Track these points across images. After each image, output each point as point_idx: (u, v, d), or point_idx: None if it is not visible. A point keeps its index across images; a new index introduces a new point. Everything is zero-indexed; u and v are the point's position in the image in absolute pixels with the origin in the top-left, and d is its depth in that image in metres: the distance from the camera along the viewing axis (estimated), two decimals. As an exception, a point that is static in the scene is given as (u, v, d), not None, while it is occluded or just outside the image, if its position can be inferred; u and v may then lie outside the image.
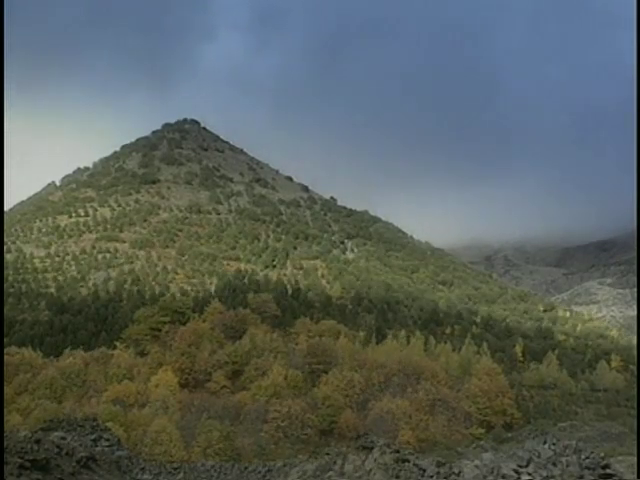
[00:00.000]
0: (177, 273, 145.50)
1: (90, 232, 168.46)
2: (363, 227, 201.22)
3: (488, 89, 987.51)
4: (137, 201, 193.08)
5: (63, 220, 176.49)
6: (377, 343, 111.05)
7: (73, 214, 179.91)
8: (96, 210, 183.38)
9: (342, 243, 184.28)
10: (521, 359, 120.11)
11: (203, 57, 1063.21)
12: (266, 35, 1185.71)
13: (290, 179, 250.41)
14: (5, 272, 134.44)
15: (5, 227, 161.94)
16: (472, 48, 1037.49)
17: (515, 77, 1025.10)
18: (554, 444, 30.38)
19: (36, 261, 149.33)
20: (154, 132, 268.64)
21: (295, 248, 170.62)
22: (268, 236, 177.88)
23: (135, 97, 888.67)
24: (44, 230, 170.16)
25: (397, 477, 29.19)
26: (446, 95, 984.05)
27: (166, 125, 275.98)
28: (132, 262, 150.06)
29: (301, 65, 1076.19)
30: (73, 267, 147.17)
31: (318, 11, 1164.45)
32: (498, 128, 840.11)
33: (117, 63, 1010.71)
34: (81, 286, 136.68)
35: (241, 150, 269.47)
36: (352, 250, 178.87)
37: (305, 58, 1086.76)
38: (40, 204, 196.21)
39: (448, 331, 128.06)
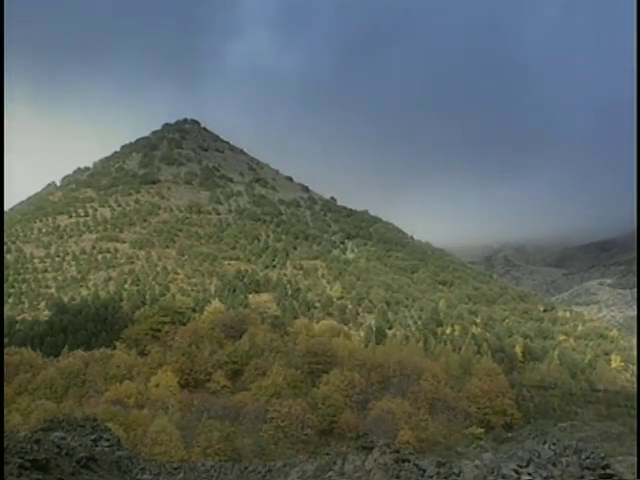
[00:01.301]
0: (177, 273, 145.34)
1: (90, 232, 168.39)
2: (363, 227, 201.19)
3: (489, 90, 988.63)
4: (137, 201, 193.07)
5: (63, 220, 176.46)
6: (377, 343, 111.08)
7: (73, 214, 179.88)
8: (96, 210, 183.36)
9: (342, 243, 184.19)
10: (521, 359, 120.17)
11: (228, 55, 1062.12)
12: (289, 34, 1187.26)
13: (290, 179, 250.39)
14: (5, 272, 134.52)
15: (5, 227, 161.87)
16: (474, 49, 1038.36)
17: (516, 78, 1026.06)
18: (554, 444, 30.30)
19: (36, 261, 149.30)
20: (154, 132, 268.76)
21: (295, 248, 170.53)
22: (268, 236, 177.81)
23: (155, 96, 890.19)
24: (44, 230, 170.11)
25: (397, 477, 29.13)
26: (446, 95, 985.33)
27: (166, 125, 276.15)
28: (132, 262, 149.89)
29: (318, 65, 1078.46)
30: (73, 267, 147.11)
31: (343, 11, 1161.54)
32: (498, 128, 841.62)
33: (140, 61, 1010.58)
34: (81, 286, 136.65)
35: (241, 150, 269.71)
36: (352, 250, 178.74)
37: (328, 57, 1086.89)
38: (40, 204, 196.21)
39: (448, 331, 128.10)
